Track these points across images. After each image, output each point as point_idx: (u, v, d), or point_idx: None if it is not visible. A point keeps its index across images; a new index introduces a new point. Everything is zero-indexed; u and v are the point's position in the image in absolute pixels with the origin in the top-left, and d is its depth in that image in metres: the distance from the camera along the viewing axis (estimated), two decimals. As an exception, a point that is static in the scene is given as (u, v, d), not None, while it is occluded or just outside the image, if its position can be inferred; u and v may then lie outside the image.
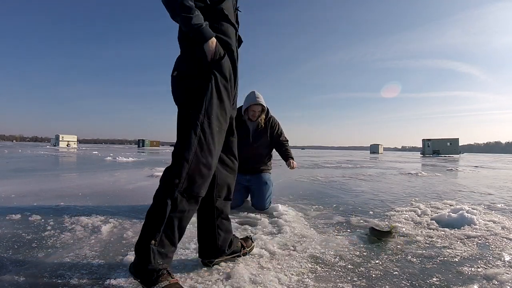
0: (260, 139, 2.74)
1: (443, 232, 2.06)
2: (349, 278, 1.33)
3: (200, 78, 1.20)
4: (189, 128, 1.16)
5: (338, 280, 1.30)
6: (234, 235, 1.49)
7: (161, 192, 1.13)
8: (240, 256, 1.48)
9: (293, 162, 2.76)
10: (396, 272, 1.40)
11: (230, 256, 1.45)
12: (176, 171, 1.12)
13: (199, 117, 1.16)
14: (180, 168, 1.12)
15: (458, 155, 35.22)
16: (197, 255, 1.55)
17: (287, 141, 2.91)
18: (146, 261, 1.08)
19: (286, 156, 2.82)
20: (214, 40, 1.19)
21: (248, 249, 1.53)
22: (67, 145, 46.60)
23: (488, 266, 1.49)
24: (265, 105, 2.69)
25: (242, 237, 1.62)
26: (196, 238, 1.85)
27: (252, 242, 1.59)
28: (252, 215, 2.48)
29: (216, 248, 1.38)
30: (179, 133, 1.19)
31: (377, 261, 1.53)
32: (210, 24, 1.21)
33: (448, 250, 1.71)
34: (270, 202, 2.71)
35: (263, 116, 2.74)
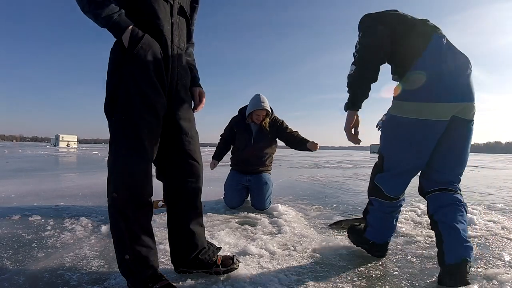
0: (262, 140, 2.72)
1: (443, 232, 2.06)
2: (349, 278, 1.33)
3: (115, 79, 1.09)
4: (112, 137, 1.10)
5: (338, 280, 1.30)
6: (214, 247, 1.35)
7: (109, 207, 1.10)
8: (212, 274, 1.28)
9: (314, 142, 2.65)
10: (396, 272, 1.40)
11: (199, 270, 1.28)
12: (111, 185, 1.08)
13: (120, 123, 1.08)
14: (113, 182, 1.08)
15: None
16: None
17: (296, 132, 2.81)
18: (132, 275, 1.09)
19: (304, 140, 2.69)
20: (130, 29, 1.06)
21: (223, 269, 1.28)
22: (67, 145, 46.62)
23: (488, 266, 1.49)
24: (269, 110, 2.67)
25: (226, 254, 1.41)
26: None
27: (233, 263, 1.30)
28: (252, 215, 2.48)
29: (181, 255, 1.28)
30: (109, 142, 1.13)
31: (377, 261, 1.53)
32: (130, 6, 1.10)
33: (448, 250, 1.71)
34: (270, 202, 2.71)
35: (268, 119, 2.72)
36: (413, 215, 2.57)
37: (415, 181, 1.50)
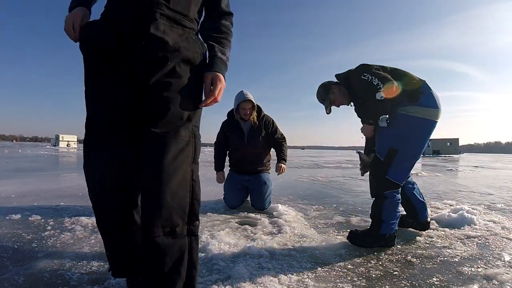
0: (256, 139, 2.71)
1: (443, 232, 2.06)
2: (349, 278, 1.33)
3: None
4: None
5: (338, 280, 1.30)
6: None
7: None
8: None
9: (282, 167, 2.79)
10: (396, 272, 1.40)
11: None
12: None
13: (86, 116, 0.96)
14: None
15: (458, 155, 35.21)
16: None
17: (284, 138, 2.88)
18: (113, 272, 1.06)
19: (279, 157, 2.83)
20: (69, 16, 0.97)
21: None
22: (67, 145, 46.63)
23: (488, 266, 1.49)
24: (255, 102, 2.67)
25: None
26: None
27: None
28: (252, 215, 2.48)
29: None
30: None
31: (377, 261, 1.53)
32: None
33: (448, 250, 1.71)
34: (270, 202, 2.71)
35: (255, 114, 2.71)
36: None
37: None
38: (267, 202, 2.67)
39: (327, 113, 2.10)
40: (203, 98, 1.01)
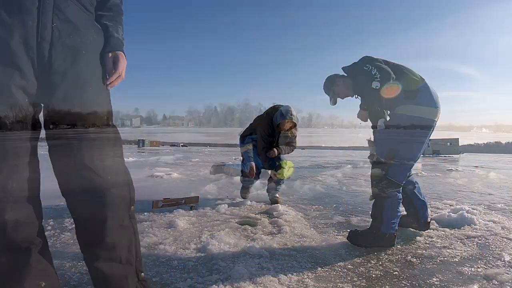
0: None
1: (443, 232, 2.06)
2: (349, 278, 1.33)
3: None
4: None
5: (338, 280, 1.30)
6: None
7: None
8: None
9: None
10: (396, 272, 1.40)
11: None
12: None
13: None
14: None
15: (458, 155, 35.17)
16: (197, 254, 1.55)
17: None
18: None
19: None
20: None
21: None
22: (67, 145, 46.39)
23: (488, 266, 1.49)
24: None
25: None
26: (196, 238, 1.86)
27: None
28: (252, 215, 2.48)
29: None
30: None
31: (377, 261, 1.53)
32: None
33: (448, 250, 1.71)
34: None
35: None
36: (413, 215, 2.56)
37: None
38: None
39: (331, 105, 2.18)
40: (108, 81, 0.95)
